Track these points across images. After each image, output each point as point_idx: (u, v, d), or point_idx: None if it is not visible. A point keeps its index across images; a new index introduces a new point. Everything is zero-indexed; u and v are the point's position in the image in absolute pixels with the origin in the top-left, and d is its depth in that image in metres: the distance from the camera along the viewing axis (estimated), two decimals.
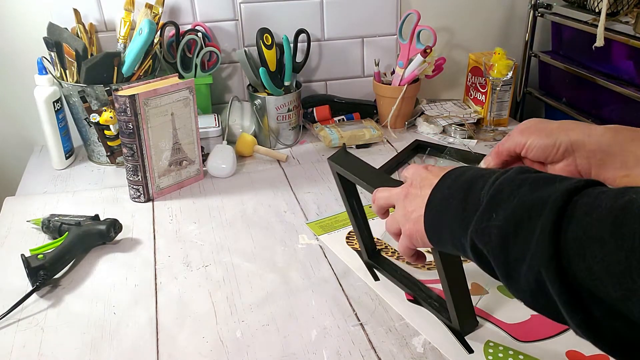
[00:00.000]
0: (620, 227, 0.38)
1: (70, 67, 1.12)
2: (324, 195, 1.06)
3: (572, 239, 0.40)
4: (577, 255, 0.40)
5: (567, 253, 0.40)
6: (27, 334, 0.74)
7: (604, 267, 0.38)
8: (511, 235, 0.44)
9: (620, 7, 1.14)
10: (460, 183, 0.53)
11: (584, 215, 0.41)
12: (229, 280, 0.83)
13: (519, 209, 0.45)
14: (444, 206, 0.54)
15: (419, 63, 1.29)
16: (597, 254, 0.39)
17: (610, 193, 0.42)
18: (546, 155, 0.59)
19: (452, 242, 0.52)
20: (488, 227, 0.46)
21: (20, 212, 1.01)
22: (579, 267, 0.39)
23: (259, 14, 1.29)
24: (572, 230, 0.41)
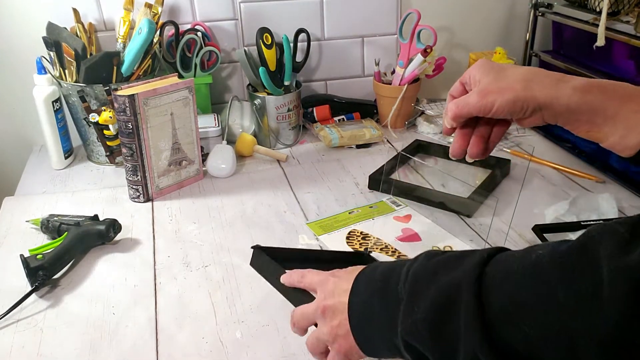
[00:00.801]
0: (538, 287, 0.38)
1: (69, 67, 1.12)
2: (324, 195, 1.05)
3: (499, 310, 0.40)
4: (509, 324, 0.39)
5: (497, 327, 0.39)
6: (26, 335, 0.73)
7: (539, 331, 0.37)
8: (439, 324, 0.43)
9: (621, 6, 1.14)
10: (375, 282, 0.52)
11: (501, 283, 0.40)
12: (229, 280, 0.83)
13: (438, 297, 0.44)
14: (367, 311, 0.51)
15: (419, 63, 1.28)
16: (528, 319, 0.38)
17: (517, 254, 0.42)
18: (513, 115, 0.58)
19: (386, 346, 0.50)
20: (414, 322, 0.45)
21: (19, 212, 1.01)
22: (515, 336, 0.39)
23: (258, 14, 1.29)
24: (496, 302, 0.40)
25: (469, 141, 0.64)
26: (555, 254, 0.39)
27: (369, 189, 1.07)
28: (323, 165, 1.18)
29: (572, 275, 0.37)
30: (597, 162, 1.16)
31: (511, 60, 1.25)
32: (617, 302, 0.34)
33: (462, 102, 0.60)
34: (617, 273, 0.34)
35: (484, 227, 0.94)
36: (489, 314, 0.40)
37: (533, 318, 0.38)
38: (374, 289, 0.51)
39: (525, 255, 0.41)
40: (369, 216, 0.98)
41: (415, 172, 1.15)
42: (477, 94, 0.59)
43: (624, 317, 0.34)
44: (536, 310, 0.38)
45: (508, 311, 0.39)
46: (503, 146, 1.24)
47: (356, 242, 0.90)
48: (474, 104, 0.59)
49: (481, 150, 0.64)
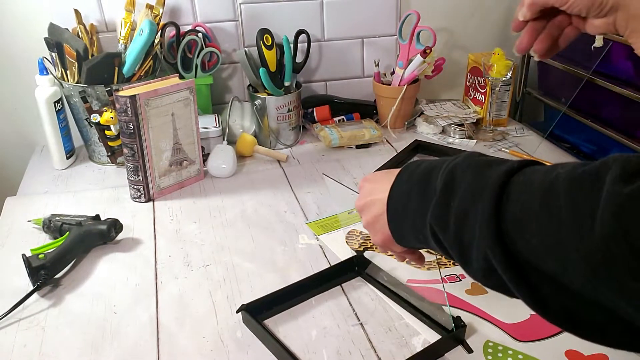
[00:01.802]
0: (548, 201, 0.40)
1: (71, 68, 1.13)
2: (324, 195, 1.06)
3: (511, 217, 0.42)
4: (518, 232, 0.42)
5: (508, 232, 0.42)
6: (28, 334, 0.74)
7: (540, 242, 0.40)
8: (461, 221, 0.46)
9: None
10: (417, 175, 0.55)
11: (519, 194, 0.43)
12: (230, 280, 0.83)
13: (465, 195, 0.47)
14: (404, 200, 0.55)
15: (418, 63, 1.29)
16: (533, 229, 0.41)
17: (542, 169, 0.44)
18: (589, 11, 0.59)
19: (414, 234, 0.54)
20: (442, 214, 0.49)
21: (21, 212, 1.01)
22: (521, 244, 0.41)
23: (259, 15, 1.30)
24: (511, 209, 0.42)
25: (537, 37, 0.66)
26: (571, 174, 0.41)
27: None
28: (323, 165, 1.18)
29: (578, 194, 0.39)
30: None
31: (510, 61, 1.25)
32: (605, 224, 0.36)
33: None
34: (612, 198, 0.36)
35: None
36: (503, 220, 0.43)
37: (535, 228, 0.40)
38: (415, 180, 0.55)
39: (548, 172, 0.43)
40: None
41: None
42: None
43: (608, 238, 0.36)
44: (540, 221, 0.40)
45: (518, 219, 0.42)
46: (502, 146, 1.24)
47: (356, 241, 0.91)
48: None
49: (547, 47, 0.66)
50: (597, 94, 1.26)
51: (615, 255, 0.35)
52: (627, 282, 0.35)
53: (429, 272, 0.84)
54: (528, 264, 0.41)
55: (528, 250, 0.41)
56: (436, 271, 0.83)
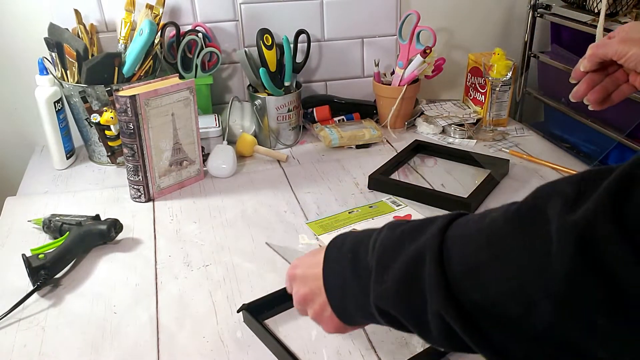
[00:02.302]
0: (494, 247, 0.40)
1: (71, 68, 1.13)
2: (324, 195, 1.06)
3: (460, 274, 0.41)
4: (471, 286, 0.40)
5: (460, 288, 0.41)
6: (28, 334, 0.74)
7: (498, 289, 0.39)
8: (407, 290, 0.45)
9: (620, 7, 1.15)
10: (345, 255, 0.54)
11: (460, 248, 0.42)
12: (230, 279, 0.83)
13: (405, 264, 0.45)
14: (340, 282, 0.54)
15: (418, 63, 1.29)
16: (487, 278, 0.40)
17: (473, 218, 0.44)
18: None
19: (362, 314, 0.53)
20: (385, 290, 0.47)
21: (21, 212, 1.01)
22: (476, 296, 0.40)
23: (259, 15, 1.30)
24: (456, 265, 0.42)
25: (592, 88, 0.70)
26: (507, 214, 0.41)
27: (368, 189, 1.07)
28: (323, 165, 1.18)
29: (523, 233, 0.38)
30: (595, 162, 1.16)
31: (510, 61, 1.25)
32: (565, 258, 0.35)
33: (601, 42, 0.67)
34: (564, 230, 0.35)
35: None
36: (451, 276, 0.42)
37: (491, 276, 0.40)
38: (345, 262, 0.54)
39: (482, 218, 0.43)
40: (369, 216, 0.98)
41: (415, 172, 1.15)
42: (618, 40, 0.65)
43: (571, 272, 0.35)
44: (493, 268, 0.39)
45: (468, 272, 0.41)
46: (502, 146, 1.24)
47: None
48: (611, 46, 0.65)
49: (600, 98, 0.71)
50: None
51: (581, 290, 0.34)
52: (596, 318, 0.34)
53: None
54: (484, 314, 0.40)
55: (484, 300, 0.40)
56: None
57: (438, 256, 0.42)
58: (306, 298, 0.59)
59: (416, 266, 0.44)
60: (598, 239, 0.34)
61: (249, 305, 0.74)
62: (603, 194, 0.35)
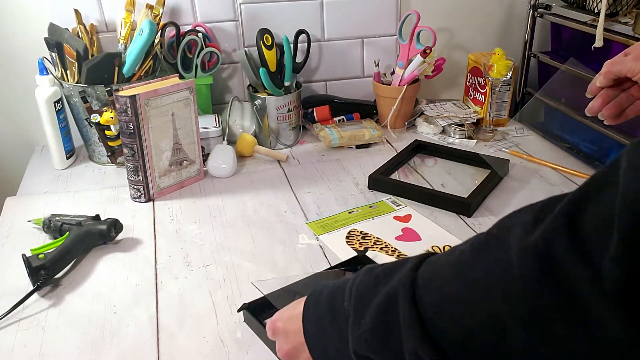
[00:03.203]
0: (461, 276, 0.41)
1: (71, 68, 1.13)
2: (324, 195, 1.06)
3: (432, 306, 0.42)
4: (443, 319, 0.41)
5: (433, 323, 0.42)
6: (28, 334, 0.74)
7: (470, 320, 0.40)
8: (383, 331, 0.46)
9: (620, 7, 1.15)
10: (323, 304, 0.55)
11: (430, 282, 0.43)
12: (230, 279, 0.83)
13: (379, 306, 0.46)
14: (319, 334, 0.55)
15: (418, 63, 1.29)
16: (459, 309, 0.41)
17: (444, 254, 0.45)
18: None
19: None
20: (362, 333, 0.48)
21: (21, 212, 1.01)
22: (451, 329, 0.41)
23: (259, 15, 1.30)
24: (428, 300, 0.42)
25: (607, 103, 0.72)
26: (474, 245, 0.42)
27: (368, 189, 1.07)
28: (323, 165, 1.18)
29: (487, 261, 0.40)
30: (595, 162, 1.16)
31: (510, 61, 1.25)
32: (526, 279, 0.36)
33: (617, 60, 0.68)
34: (524, 252, 0.37)
35: (484, 227, 0.95)
36: (424, 312, 0.42)
37: (462, 307, 0.40)
38: (323, 312, 0.54)
39: (450, 253, 0.44)
40: (369, 216, 0.98)
41: (415, 172, 1.15)
42: (633, 57, 0.66)
43: (534, 292, 0.36)
44: (463, 299, 0.40)
45: (440, 306, 0.42)
46: (502, 146, 1.24)
47: (356, 241, 0.91)
48: (626, 63, 0.66)
49: (615, 113, 0.72)
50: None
51: (546, 308, 0.35)
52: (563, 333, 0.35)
53: None
54: (456, 346, 0.41)
55: (461, 333, 0.40)
56: None
57: (410, 295, 0.43)
58: (290, 354, 0.59)
59: (390, 307, 0.45)
60: (555, 257, 0.35)
61: (249, 304, 0.74)
62: (558, 214, 0.36)
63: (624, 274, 0.32)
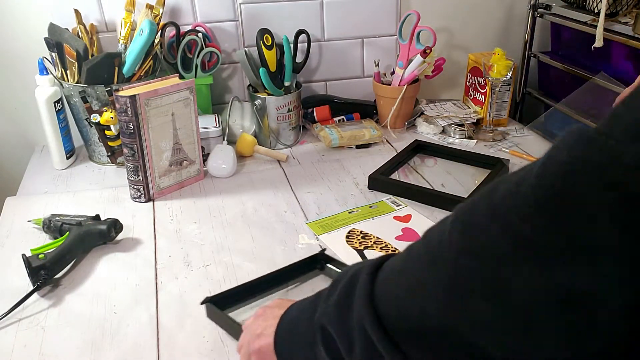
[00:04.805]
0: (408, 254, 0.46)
1: (71, 68, 1.13)
2: (324, 195, 1.06)
3: (380, 282, 0.45)
4: (384, 292, 0.45)
5: (379, 297, 0.45)
6: (28, 334, 0.74)
7: (398, 288, 0.44)
8: (344, 304, 0.48)
9: (620, 7, 1.15)
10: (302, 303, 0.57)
11: (391, 264, 0.47)
12: (230, 279, 0.83)
13: (345, 282, 0.50)
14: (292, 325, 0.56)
15: (418, 63, 1.29)
16: (398, 280, 0.44)
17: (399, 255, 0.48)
18: None
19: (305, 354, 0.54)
20: (327, 306, 0.50)
21: (21, 212, 1.01)
22: (388, 302, 0.44)
23: (259, 15, 1.30)
24: (380, 279, 0.46)
25: None
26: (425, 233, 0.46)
27: (368, 189, 1.07)
28: (323, 165, 1.18)
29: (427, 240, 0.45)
30: None
31: (510, 61, 1.25)
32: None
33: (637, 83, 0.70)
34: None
35: None
36: (375, 288, 0.46)
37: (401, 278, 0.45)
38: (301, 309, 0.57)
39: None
40: (369, 216, 0.98)
41: (415, 172, 1.15)
42: None
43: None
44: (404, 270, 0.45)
45: (386, 281, 0.46)
46: (502, 146, 1.24)
47: (356, 241, 0.91)
48: None
49: None
50: (597, 94, 1.26)
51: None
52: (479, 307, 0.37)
53: None
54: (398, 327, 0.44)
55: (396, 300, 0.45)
56: None
57: (373, 271, 0.47)
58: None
59: (352, 282, 0.48)
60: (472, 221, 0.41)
61: (212, 297, 0.74)
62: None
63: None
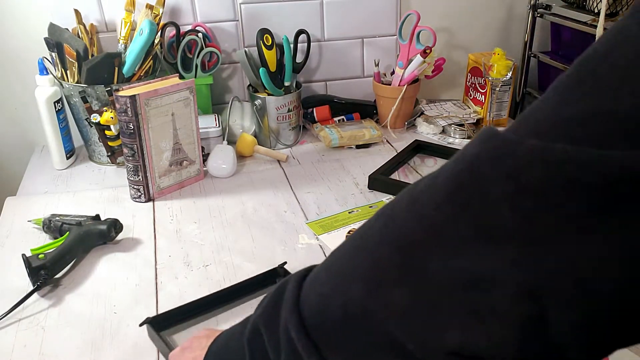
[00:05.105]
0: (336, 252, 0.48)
1: (71, 68, 1.13)
2: (324, 195, 1.06)
3: (306, 285, 0.46)
4: (308, 294, 0.45)
5: (303, 300, 0.45)
6: (28, 334, 0.74)
7: (325, 288, 0.44)
8: (273, 308, 0.48)
9: (620, 7, 1.15)
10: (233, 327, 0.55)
11: (318, 268, 0.48)
12: (230, 279, 0.83)
13: (271, 297, 0.49)
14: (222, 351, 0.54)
15: (418, 63, 1.29)
16: (321, 281, 0.45)
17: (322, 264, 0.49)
18: None
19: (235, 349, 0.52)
20: (261, 310, 0.49)
21: (21, 212, 1.01)
22: (312, 303, 0.44)
23: (259, 15, 1.30)
24: (306, 283, 0.46)
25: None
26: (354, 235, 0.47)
27: (368, 189, 1.07)
28: (323, 165, 1.18)
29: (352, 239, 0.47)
30: None
31: (510, 61, 1.25)
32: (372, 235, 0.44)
33: None
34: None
35: None
36: (301, 291, 0.46)
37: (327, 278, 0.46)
38: (229, 334, 0.55)
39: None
40: (369, 216, 0.98)
41: (415, 172, 1.15)
42: None
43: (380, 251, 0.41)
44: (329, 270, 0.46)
45: (311, 283, 0.46)
46: None
47: None
48: None
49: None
50: None
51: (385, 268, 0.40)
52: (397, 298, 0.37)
53: None
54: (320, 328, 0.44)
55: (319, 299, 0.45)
56: None
57: (300, 278, 0.47)
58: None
59: (280, 291, 0.48)
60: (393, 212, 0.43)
61: (155, 317, 0.72)
62: None
63: None
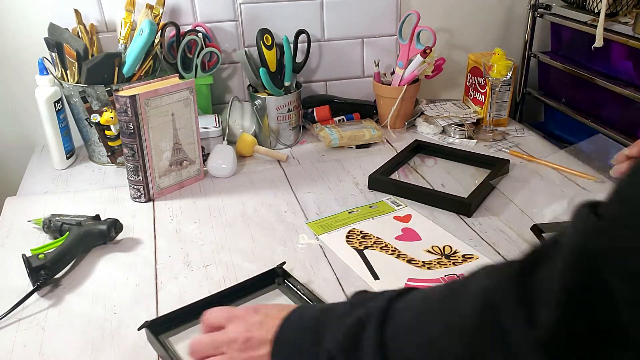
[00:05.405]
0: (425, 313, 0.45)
1: (71, 68, 1.13)
2: (324, 195, 1.06)
3: (394, 333, 0.44)
4: (399, 344, 0.44)
5: (393, 347, 0.44)
6: (28, 334, 0.74)
7: (417, 351, 0.42)
8: (351, 344, 0.47)
9: (620, 7, 1.15)
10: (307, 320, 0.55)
11: (402, 311, 0.46)
12: (230, 280, 0.83)
13: (356, 319, 0.48)
14: (294, 349, 0.54)
15: (418, 63, 1.29)
16: (412, 338, 0.43)
17: (423, 289, 0.48)
18: None
19: None
20: (336, 334, 0.49)
21: (21, 212, 1.01)
22: (404, 354, 0.43)
23: (259, 15, 1.30)
24: (393, 326, 0.44)
25: None
26: (448, 283, 0.44)
27: (368, 189, 1.07)
28: (323, 165, 1.18)
29: (447, 303, 0.43)
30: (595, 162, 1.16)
31: (510, 61, 1.25)
32: (472, 317, 0.39)
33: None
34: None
35: (484, 227, 0.95)
36: (387, 337, 0.44)
37: (416, 337, 0.44)
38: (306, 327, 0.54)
39: (429, 288, 0.47)
40: (369, 216, 0.98)
41: (415, 172, 1.15)
42: None
43: (475, 330, 0.39)
44: (420, 329, 0.44)
45: (399, 335, 0.44)
46: (502, 146, 1.24)
47: (356, 241, 0.91)
48: None
49: None
50: (597, 94, 1.26)
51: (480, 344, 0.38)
52: None
53: (429, 271, 0.84)
54: None
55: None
56: (436, 270, 0.83)
57: (381, 317, 0.46)
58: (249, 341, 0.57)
59: (363, 324, 0.47)
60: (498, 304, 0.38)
61: (153, 321, 0.71)
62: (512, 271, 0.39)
63: (556, 323, 0.34)
